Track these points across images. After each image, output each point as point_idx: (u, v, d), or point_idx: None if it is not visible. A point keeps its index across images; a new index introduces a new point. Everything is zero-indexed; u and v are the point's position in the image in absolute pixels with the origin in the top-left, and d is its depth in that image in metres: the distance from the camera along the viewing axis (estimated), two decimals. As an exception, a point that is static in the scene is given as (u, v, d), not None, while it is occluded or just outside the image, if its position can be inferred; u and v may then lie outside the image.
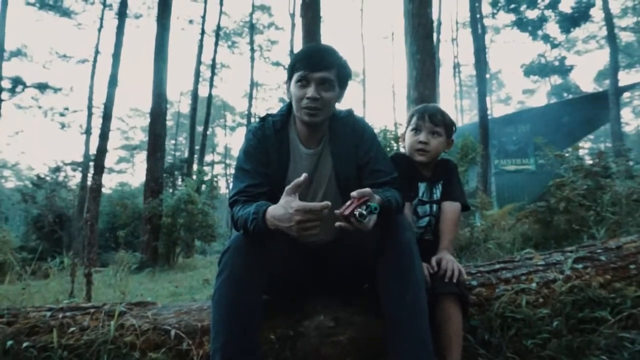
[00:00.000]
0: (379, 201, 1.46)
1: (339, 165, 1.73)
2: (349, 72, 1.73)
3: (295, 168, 1.72)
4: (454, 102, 43.83)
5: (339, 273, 1.70)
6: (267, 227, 1.41)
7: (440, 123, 1.92)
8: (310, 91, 1.61)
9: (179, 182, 19.93)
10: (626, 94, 27.95)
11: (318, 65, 1.62)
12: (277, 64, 34.43)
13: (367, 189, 1.40)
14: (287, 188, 1.41)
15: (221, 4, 23.35)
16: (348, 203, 1.39)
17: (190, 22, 27.35)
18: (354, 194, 1.38)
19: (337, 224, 1.37)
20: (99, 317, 1.78)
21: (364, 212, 1.35)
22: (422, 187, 1.95)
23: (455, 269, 1.66)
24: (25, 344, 1.66)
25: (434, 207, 1.95)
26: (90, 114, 20.39)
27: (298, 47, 23.45)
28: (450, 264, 1.68)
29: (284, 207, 1.37)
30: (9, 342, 1.65)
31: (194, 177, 12.44)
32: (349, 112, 1.82)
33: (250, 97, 28.18)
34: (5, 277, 2.66)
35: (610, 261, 1.96)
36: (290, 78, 1.69)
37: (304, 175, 1.40)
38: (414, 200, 1.93)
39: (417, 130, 1.93)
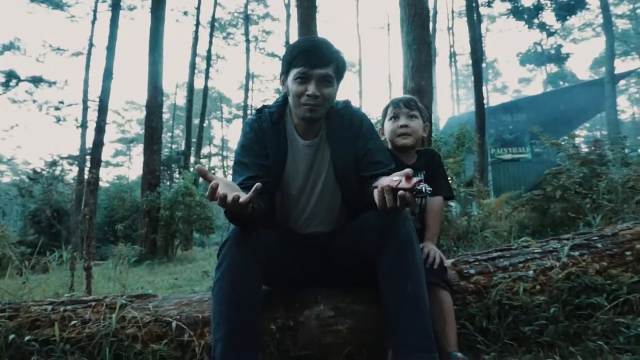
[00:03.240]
0: None
1: (337, 156, 1.73)
2: (345, 65, 1.73)
3: (293, 159, 1.72)
4: (450, 91, 43.94)
5: (339, 264, 1.71)
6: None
7: (414, 107, 2.03)
8: (311, 88, 1.59)
9: (176, 174, 19.90)
10: (622, 82, 27.93)
11: (319, 63, 1.60)
12: (272, 54, 34.26)
13: (409, 170, 1.28)
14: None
15: (215, -6, 23.16)
16: (399, 179, 1.27)
17: (185, 13, 27.09)
18: (406, 171, 1.27)
19: (400, 193, 1.25)
20: (100, 310, 1.79)
21: (429, 190, 1.23)
22: None
23: (437, 257, 1.75)
24: (27, 338, 1.67)
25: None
26: (85, 108, 20.27)
27: (294, 37, 23.32)
28: (432, 252, 1.76)
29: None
30: (11, 336, 1.66)
31: (191, 169, 12.43)
32: (346, 104, 1.82)
33: (247, 89, 28.16)
34: (5, 271, 2.66)
35: (606, 248, 1.97)
36: (286, 72, 1.66)
37: (257, 184, 1.28)
38: None
39: (395, 118, 2.03)
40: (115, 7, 13.96)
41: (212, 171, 13.26)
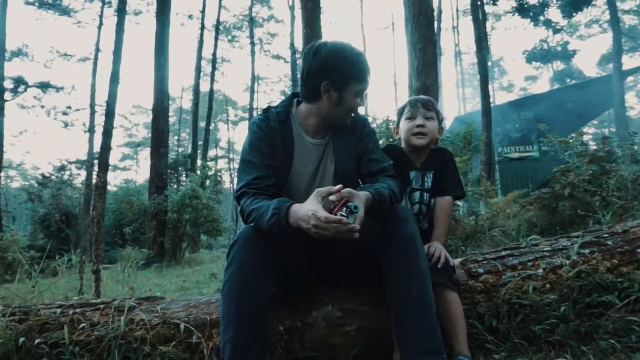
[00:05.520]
0: (366, 196, 1.50)
1: (339, 159, 1.77)
2: None
3: (300, 158, 1.74)
4: (456, 90, 43.83)
5: (345, 264, 1.71)
6: (289, 223, 1.44)
7: (432, 109, 2.05)
8: (362, 102, 1.74)
9: (183, 177, 19.98)
10: (630, 78, 27.66)
11: (368, 79, 1.72)
12: (277, 57, 34.29)
13: (346, 190, 1.45)
14: (318, 189, 1.45)
15: (220, -3, 23.27)
16: (331, 207, 1.44)
17: (190, 17, 27.16)
18: (332, 197, 1.44)
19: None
20: (108, 313, 1.80)
21: (345, 214, 1.40)
22: (412, 174, 2.03)
23: (442, 256, 1.74)
24: (36, 341, 1.68)
25: (425, 195, 2.02)
26: (92, 112, 20.42)
27: (298, 39, 23.36)
28: (437, 252, 1.76)
29: (307, 208, 1.41)
30: (21, 339, 1.67)
31: (198, 172, 12.48)
32: None
33: (252, 91, 28.19)
34: (15, 275, 2.68)
35: (617, 245, 1.95)
36: (342, 86, 1.67)
37: (339, 186, 1.44)
38: (407, 188, 2.01)
39: (412, 117, 2.03)
40: (121, 12, 14.08)
41: (219, 174, 13.33)
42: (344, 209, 1.41)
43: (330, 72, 1.65)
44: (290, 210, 1.44)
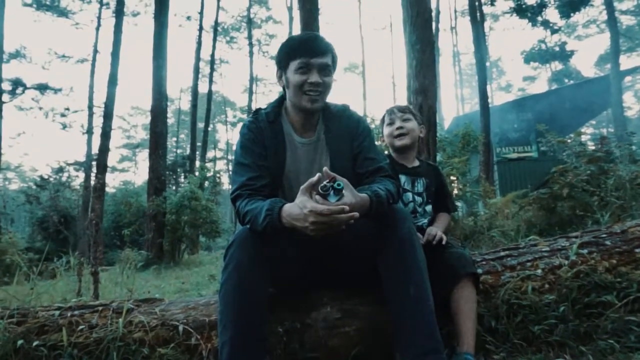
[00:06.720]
0: (363, 199, 1.48)
1: (335, 155, 1.75)
2: (337, 58, 1.78)
3: (292, 158, 1.74)
4: (455, 91, 43.93)
5: (343, 265, 1.70)
6: (283, 224, 1.43)
7: (407, 111, 2.23)
8: (314, 77, 1.64)
9: (182, 179, 19.97)
10: (628, 78, 27.77)
11: (318, 51, 1.65)
12: (276, 58, 34.29)
13: (325, 170, 1.44)
14: (302, 187, 1.42)
15: (218, -1, 23.29)
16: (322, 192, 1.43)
17: (188, 18, 27.22)
18: (323, 183, 1.42)
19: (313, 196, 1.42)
20: (107, 315, 1.80)
21: (336, 196, 1.39)
22: (403, 178, 2.12)
23: (437, 235, 1.86)
24: (35, 343, 1.68)
25: (416, 197, 2.12)
26: (91, 114, 20.41)
27: (296, 40, 23.33)
28: (433, 231, 1.88)
29: (299, 207, 1.39)
30: (19, 342, 1.67)
31: (197, 173, 12.47)
32: (345, 107, 1.86)
33: (250, 92, 28.17)
34: (13, 278, 2.67)
35: (615, 245, 1.95)
36: (285, 66, 1.69)
37: (317, 175, 1.42)
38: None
39: (391, 123, 2.21)
40: (119, 13, 14.09)
41: (217, 175, 13.33)
42: (331, 191, 1.39)
43: (277, 59, 1.71)
44: (282, 210, 1.43)
